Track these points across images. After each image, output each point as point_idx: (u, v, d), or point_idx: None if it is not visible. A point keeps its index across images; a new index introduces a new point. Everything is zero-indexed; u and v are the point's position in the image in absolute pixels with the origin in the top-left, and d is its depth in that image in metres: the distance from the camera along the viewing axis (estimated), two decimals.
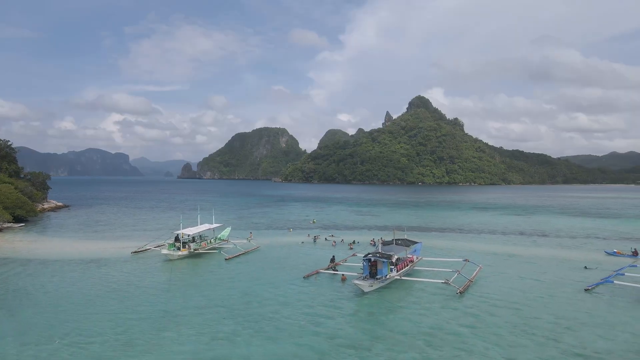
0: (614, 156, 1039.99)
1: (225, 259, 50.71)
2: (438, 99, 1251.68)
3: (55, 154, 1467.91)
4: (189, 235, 52.98)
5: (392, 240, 45.41)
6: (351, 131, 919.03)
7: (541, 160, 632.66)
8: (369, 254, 39.74)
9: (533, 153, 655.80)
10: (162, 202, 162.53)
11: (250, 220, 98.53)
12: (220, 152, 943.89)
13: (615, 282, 37.99)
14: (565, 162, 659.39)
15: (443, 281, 38.09)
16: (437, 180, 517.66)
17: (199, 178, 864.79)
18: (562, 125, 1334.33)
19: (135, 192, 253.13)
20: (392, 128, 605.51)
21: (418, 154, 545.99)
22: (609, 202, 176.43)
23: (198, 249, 52.97)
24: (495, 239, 70.95)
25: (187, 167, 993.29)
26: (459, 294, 36.29)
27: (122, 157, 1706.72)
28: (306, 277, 41.78)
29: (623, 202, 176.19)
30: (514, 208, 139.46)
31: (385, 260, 38.37)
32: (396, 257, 40.33)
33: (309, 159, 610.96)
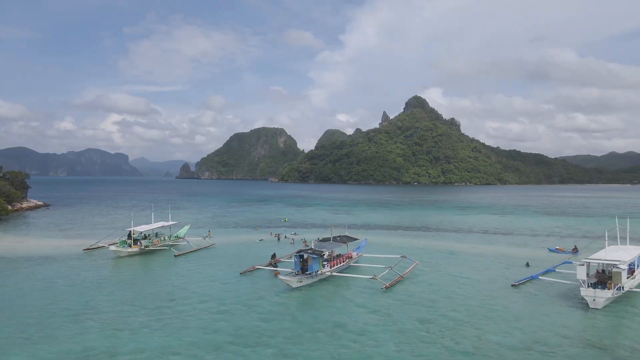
0: (613, 156, 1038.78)
1: (175, 256, 51.33)
2: (436, 99, 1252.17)
3: (54, 154, 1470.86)
4: (140, 233, 53.58)
5: (330, 237, 45.89)
6: (350, 131, 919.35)
7: (538, 160, 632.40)
8: (300, 250, 40.30)
9: (530, 153, 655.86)
10: (144, 201, 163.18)
11: (223, 219, 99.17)
12: (218, 152, 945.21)
13: (540, 277, 38.46)
14: (562, 162, 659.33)
15: (371, 277, 38.60)
16: (433, 180, 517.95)
17: (197, 178, 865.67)
18: (561, 125, 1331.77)
19: (124, 192, 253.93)
20: (389, 128, 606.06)
21: (414, 154, 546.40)
22: (591, 202, 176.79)
23: (149, 246, 53.54)
24: (451, 236, 71.64)
25: (185, 167, 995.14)
26: (385, 289, 36.84)
27: (122, 158, 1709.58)
28: (242, 274, 42.32)
29: (605, 202, 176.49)
30: (493, 208, 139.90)
31: (315, 256, 38.88)
32: (327, 253, 40.83)
33: (306, 159, 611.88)
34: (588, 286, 32.83)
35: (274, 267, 44.73)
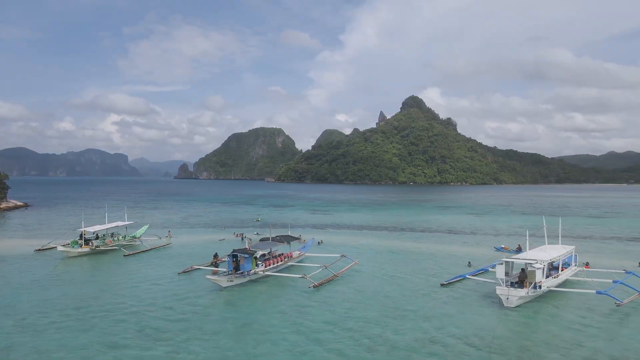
0: (612, 156, 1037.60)
1: (124, 256, 51.64)
2: (435, 99, 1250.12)
3: (54, 155, 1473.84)
4: (93, 233, 53.91)
5: (269, 236, 46.13)
6: (348, 131, 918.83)
7: (535, 159, 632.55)
8: (234, 250, 40.61)
9: (527, 153, 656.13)
10: (126, 202, 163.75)
11: (195, 219, 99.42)
12: (216, 152, 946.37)
13: (469, 277, 38.69)
14: (559, 161, 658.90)
15: (301, 276, 38.87)
16: (429, 180, 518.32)
17: (195, 178, 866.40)
18: (559, 125, 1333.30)
19: (111, 192, 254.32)
20: (385, 128, 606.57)
21: (410, 154, 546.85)
22: (574, 202, 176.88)
23: (100, 246, 53.85)
24: (412, 235, 71.86)
25: (183, 167, 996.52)
26: (313, 287, 37.11)
27: (121, 158, 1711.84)
28: (181, 273, 42.61)
29: (587, 202, 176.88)
30: (473, 207, 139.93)
31: (247, 256, 39.16)
32: (261, 253, 41.09)
33: (302, 159, 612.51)
34: (508, 285, 33.12)
35: (215, 266, 44.97)
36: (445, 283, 38.63)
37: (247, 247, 41.99)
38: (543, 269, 33.34)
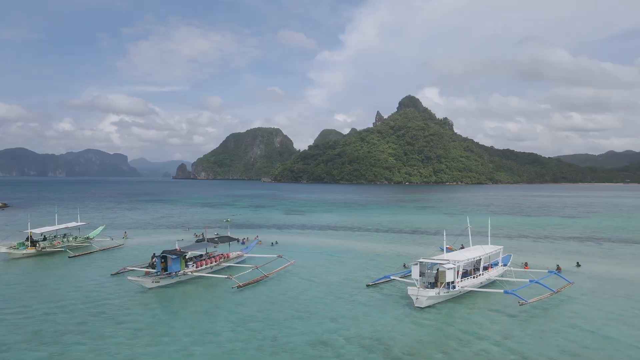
0: (610, 155, 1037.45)
1: (69, 257, 51.70)
2: (433, 98, 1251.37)
3: (53, 155, 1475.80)
4: (40, 234, 54.00)
5: (203, 237, 46.12)
6: (347, 131, 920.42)
7: (531, 159, 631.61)
8: (164, 251, 40.67)
9: (523, 152, 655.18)
10: (108, 202, 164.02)
11: (163, 220, 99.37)
12: (214, 153, 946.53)
13: (393, 277, 38.69)
14: (556, 161, 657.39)
15: (227, 277, 38.90)
16: (425, 179, 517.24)
17: (193, 178, 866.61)
18: (558, 124, 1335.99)
19: (98, 193, 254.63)
20: (381, 128, 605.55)
21: (406, 154, 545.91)
22: (554, 201, 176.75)
23: (47, 247, 53.89)
24: (368, 236, 72.13)
25: (182, 167, 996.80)
26: (237, 288, 37.18)
27: (121, 158, 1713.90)
28: (114, 275, 42.66)
29: (570, 201, 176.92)
30: (452, 207, 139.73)
31: (175, 257, 39.21)
32: (190, 253, 41.13)
33: (299, 159, 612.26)
34: (422, 286, 33.19)
35: (152, 267, 44.99)
36: (371, 284, 38.65)
37: (177, 248, 42.03)
38: (455, 269, 33.34)
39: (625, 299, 34.18)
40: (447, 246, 56.56)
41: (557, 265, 44.68)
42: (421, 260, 34.52)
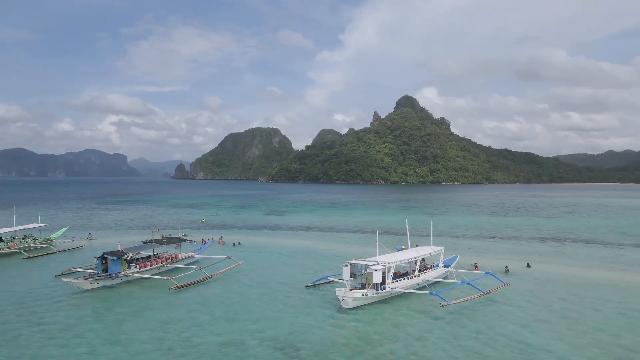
0: (610, 155, 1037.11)
1: (23, 258, 51.65)
2: (432, 98, 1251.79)
3: (53, 155, 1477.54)
4: None
5: (151, 239, 46.02)
6: (346, 131, 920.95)
7: (528, 159, 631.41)
8: (103, 252, 40.61)
9: (521, 152, 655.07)
10: (92, 203, 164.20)
11: (137, 220, 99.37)
12: (212, 153, 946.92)
13: (330, 278, 38.55)
14: (554, 160, 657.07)
15: (166, 278, 38.83)
16: (421, 179, 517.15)
17: (192, 178, 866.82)
18: (556, 124, 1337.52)
19: (90, 193, 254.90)
20: (378, 128, 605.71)
21: (402, 154, 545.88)
22: (539, 201, 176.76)
23: (1, 249, 53.78)
24: (330, 236, 72.76)
25: (180, 167, 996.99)
26: (175, 289, 37.11)
27: (121, 158, 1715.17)
28: (58, 276, 42.52)
29: (555, 201, 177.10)
30: (434, 207, 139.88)
31: (115, 258, 39.12)
32: (131, 255, 41.03)
33: (296, 159, 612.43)
34: (353, 287, 33.11)
35: (90, 269, 44.79)
36: (309, 285, 38.55)
37: (119, 249, 41.96)
38: (384, 270, 33.22)
39: (558, 300, 34.02)
40: (403, 247, 56.71)
41: (506, 266, 44.55)
42: (352, 261, 34.44)
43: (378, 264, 33.35)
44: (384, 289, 33.31)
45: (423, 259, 40.91)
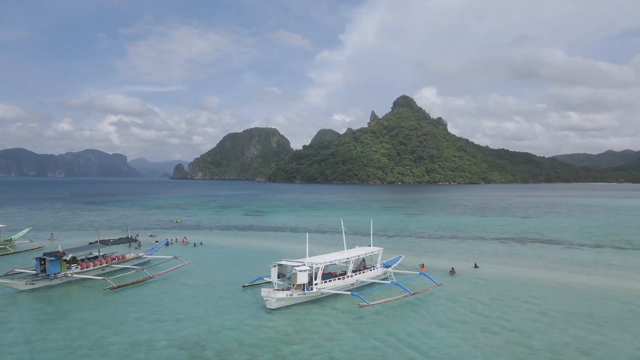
0: (609, 154, 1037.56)
1: None
2: (431, 98, 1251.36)
3: (52, 155, 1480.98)
4: None
5: (97, 240, 45.97)
6: (344, 131, 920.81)
7: (526, 158, 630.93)
8: (43, 253, 40.68)
9: (518, 152, 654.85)
10: (74, 204, 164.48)
11: (116, 221, 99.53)
12: (211, 153, 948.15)
13: (265, 279, 38.58)
14: (551, 160, 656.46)
15: (103, 278, 38.86)
16: (417, 179, 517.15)
17: (190, 178, 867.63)
18: (556, 123, 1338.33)
19: (80, 193, 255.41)
20: (375, 128, 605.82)
21: (399, 154, 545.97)
22: (522, 201, 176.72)
23: None
24: (293, 237, 72.51)
25: (179, 167, 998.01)
26: (110, 289, 37.16)
27: (120, 158, 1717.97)
28: (1, 277, 42.58)
29: (539, 201, 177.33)
30: (416, 208, 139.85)
31: (54, 258, 39.17)
32: (71, 255, 41.06)
33: (293, 159, 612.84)
34: (281, 288, 33.18)
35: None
36: (247, 285, 38.60)
37: (60, 249, 42.01)
38: (309, 272, 33.27)
39: (487, 301, 33.96)
40: (356, 246, 56.80)
41: (452, 267, 44.48)
42: (280, 262, 34.48)
43: (304, 264, 33.38)
44: (311, 289, 33.33)
45: (363, 260, 41.00)
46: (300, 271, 32.65)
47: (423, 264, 45.75)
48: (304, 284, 33.00)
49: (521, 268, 46.10)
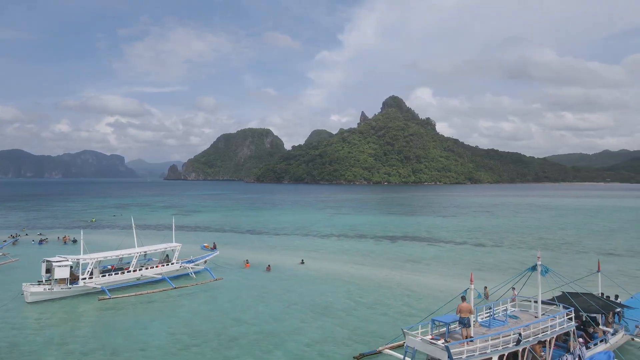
0: (605, 154, 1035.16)
1: None
2: (426, 98, 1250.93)
3: (50, 156, 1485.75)
4: None
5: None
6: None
7: (514, 159, 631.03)
8: None
9: (508, 152, 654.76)
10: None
11: (43, 221, 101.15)
12: (205, 153, 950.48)
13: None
14: (541, 160, 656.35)
15: None
16: (403, 179, 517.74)
17: (184, 179, 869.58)
18: (551, 123, 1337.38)
19: (67, 192, 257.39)
20: (363, 128, 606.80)
21: (385, 154, 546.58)
22: (483, 201, 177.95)
23: None
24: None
25: (172, 168, 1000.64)
26: None
27: (118, 159, 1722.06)
28: None
29: (500, 201, 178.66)
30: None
31: None
32: None
33: (282, 160, 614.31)
34: (48, 282, 34.50)
35: None
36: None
37: None
38: (71, 267, 34.72)
39: (248, 296, 34.61)
40: (205, 244, 58.58)
41: (269, 265, 45.18)
42: (46, 258, 35.72)
43: (66, 260, 34.74)
44: (77, 284, 34.67)
45: (167, 255, 42.38)
46: (59, 266, 33.99)
47: (247, 260, 47.01)
48: (66, 279, 34.32)
49: (345, 265, 46.97)
